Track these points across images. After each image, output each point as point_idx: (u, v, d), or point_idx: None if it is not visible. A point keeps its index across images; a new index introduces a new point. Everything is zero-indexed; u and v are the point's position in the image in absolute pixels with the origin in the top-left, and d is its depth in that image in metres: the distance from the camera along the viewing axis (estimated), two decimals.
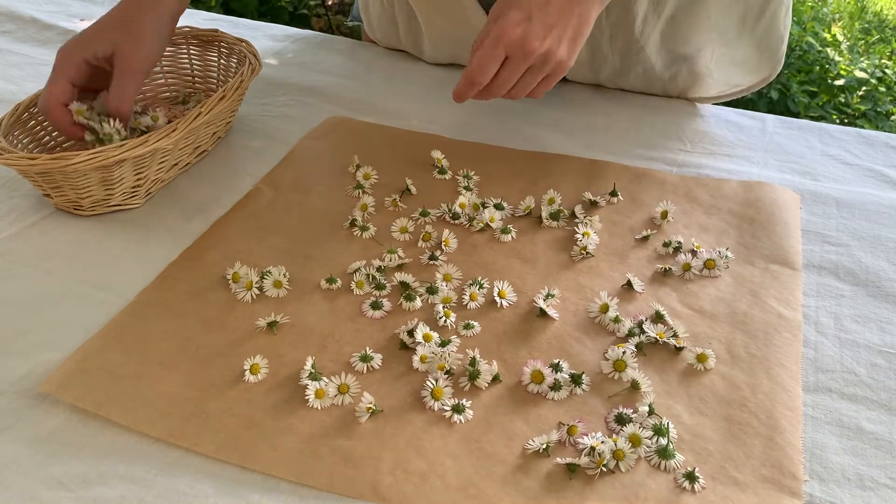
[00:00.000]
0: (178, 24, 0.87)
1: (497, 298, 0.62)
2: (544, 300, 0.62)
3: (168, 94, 0.88)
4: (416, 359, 0.57)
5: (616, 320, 0.60)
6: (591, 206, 0.73)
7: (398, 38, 0.98)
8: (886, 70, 2.34)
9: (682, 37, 0.83)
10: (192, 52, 0.87)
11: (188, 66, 0.88)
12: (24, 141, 0.74)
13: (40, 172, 0.67)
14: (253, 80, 0.79)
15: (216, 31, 0.86)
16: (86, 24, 1.06)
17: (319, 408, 0.54)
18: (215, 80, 0.87)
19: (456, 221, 0.71)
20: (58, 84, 0.71)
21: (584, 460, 0.50)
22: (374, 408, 0.54)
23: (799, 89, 2.18)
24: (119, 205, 0.72)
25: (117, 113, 0.72)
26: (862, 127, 1.32)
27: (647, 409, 0.53)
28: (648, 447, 0.51)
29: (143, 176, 0.72)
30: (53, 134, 0.77)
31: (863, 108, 2.19)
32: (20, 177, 0.75)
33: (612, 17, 0.82)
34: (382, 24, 0.98)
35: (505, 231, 0.70)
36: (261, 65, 0.81)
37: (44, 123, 0.76)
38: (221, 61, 0.86)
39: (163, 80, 0.87)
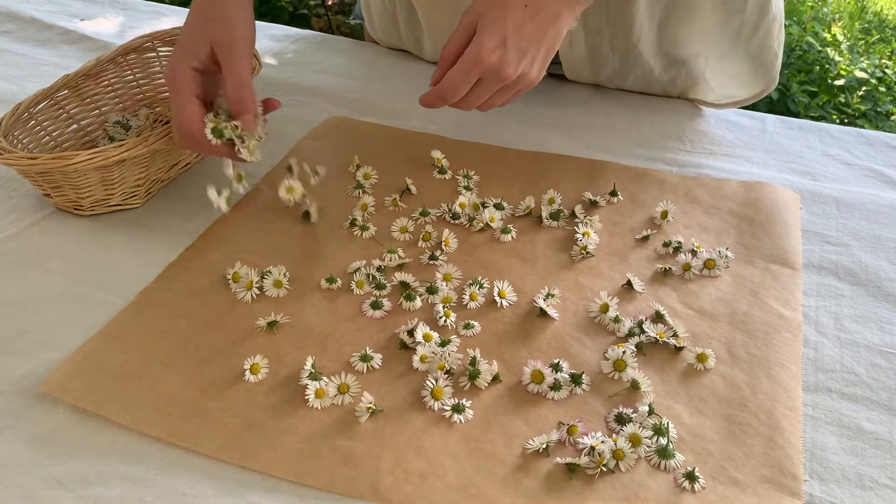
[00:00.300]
0: (178, 25, 0.87)
1: (497, 298, 0.62)
2: (544, 300, 0.62)
3: (168, 94, 0.87)
4: (416, 359, 0.57)
5: (616, 320, 0.60)
6: (591, 206, 0.73)
7: (399, 36, 0.98)
8: (886, 70, 2.34)
9: (677, 42, 0.83)
10: None
11: None
12: (24, 141, 0.74)
13: (40, 172, 0.67)
14: (253, 80, 0.79)
15: None
16: (86, 24, 1.07)
17: (319, 408, 0.54)
18: None
19: (456, 221, 0.71)
20: (186, 105, 0.65)
21: (584, 460, 0.50)
22: (374, 408, 0.54)
23: (799, 89, 2.18)
24: (119, 205, 0.72)
25: (239, 100, 0.66)
26: (862, 127, 1.32)
27: (647, 408, 0.53)
28: (648, 447, 0.51)
29: (143, 176, 0.72)
30: (54, 134, 0.77)
31: (863, 108, 2.19)
32: (20, 177, 0.75)
33: (611, 20, 0.82)
34: (383, 22, 0.98)
35: (505, 231, 0.70)
36: (261, 65, 0.81)
37: (44, 123, 0.76)
38: None
39: (163, 81, 0.87)
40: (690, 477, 0.50)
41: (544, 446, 0.51)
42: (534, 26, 0.64)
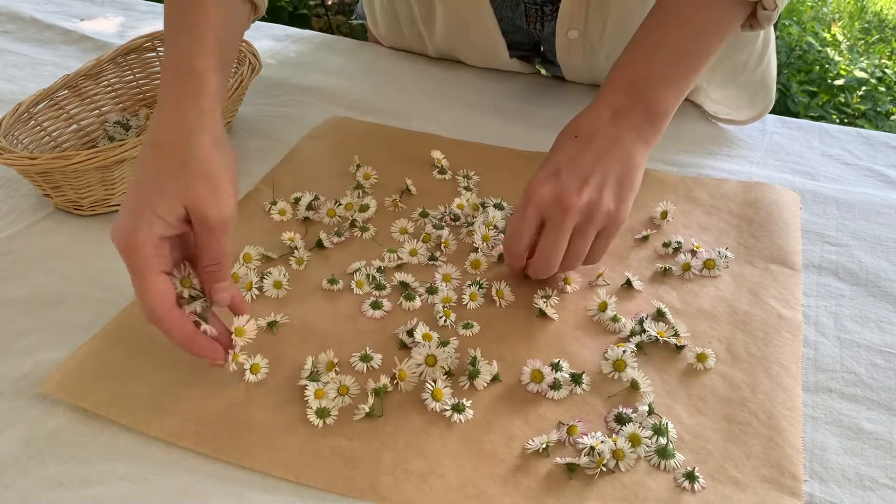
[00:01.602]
0: None
1: (495, 298, 0.62)
2: (544, 300, 0.62)
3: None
4: (416, 358, 0.57)
5: (615, 319, 0.60)
6: None
7: (402, 35, 0.98)
8: (886, 70, 2.34)
9: None
10: None
11: None
12: (25, 141, 0.74)
13: (40, 172, 0.67)
14: (253, 80, 0.79)
15: None
16: (86, 24, 1.07)
17: (319, 408, 0.54)
18: None
19: (456, 223, 0.71)
20: (152, 286, 0.50)
21: (583, 460, 0.50)
22: (373, 408, 0.54)
23: (799, 89, 2.18)
24: (119, 205, 0.72)
25: (215, 270, 0.53)
26: (862, 127, 1.31)
27: (646, 408, 0.53)
28: (648, 447, 0.51)
29: None
30: (54, 134, 0.77)
31: (863, 108, 2.19)
32: (20, 177, 0.75)
33: (607, 41, 0.82)
34: (386, 21, 0.98)
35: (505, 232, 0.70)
36: (261, 65, 0.81)
37: (44, 123, 0.76)
38: None
39: None
40: (690, 477, 0.50)
41: (544, 446, 0.51)
42: (590, 153, 0.58)
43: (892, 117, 2.20)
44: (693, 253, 0.67)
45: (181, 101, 0.54)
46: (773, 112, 0.87)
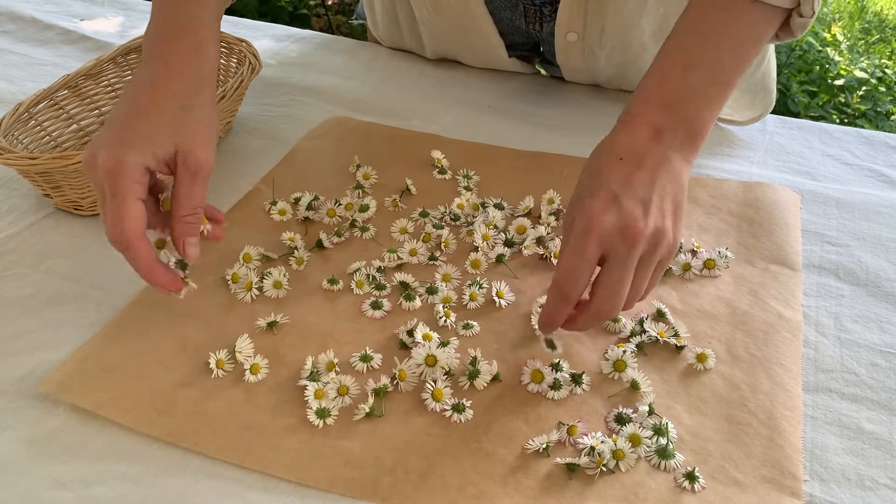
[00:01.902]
0: None
1: (495, 298, 0.62)
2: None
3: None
4: (417, 358, 0.57)
5: (615, 320, 0.60)
6: None
7: (401, 36, 0.98)
8: (886, 70, 2.34)
9: None
10: None
11: None
12: (25, 141, 0.74)
13: (40, 172, 0.67)
14: (253, 80, 0.79)
15: None
16: (86, 24, 1.07)
17: (319, 408, 0.54)
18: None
19: (456, 223, 0.71)
20: (131, 211, 0.52)
21: (583, 460, 0.50)
22: (373, 409, 0.54)
23: (799, 89, 2.18)
24: None
25: (188, 222, 0.56)
26: (862, 127, 1.31)
27: (647, 408, 0.53)
28: (648, 447, 0.51)
29: None
30: (54, 134, 0.77)
31: (863, 108, 2.19)
32: (20, 177, 0.75)
33: (607, 41, 0.82)
34: (386, 22, 0.98)
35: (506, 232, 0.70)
36: (261, 65, 0.81)
37: (44, 123, 0.76)
38: (221, 61, 0.86)
39: None
40: (690, 477, 0.50)
41: (544, 446, 0.51)
42: (643, 174, 0.53)
43: (892, 117, 2.20)
44: (693, 253, 0.67)
45: (187, 59, 0.58)
46: (773, 112, 0.87)
